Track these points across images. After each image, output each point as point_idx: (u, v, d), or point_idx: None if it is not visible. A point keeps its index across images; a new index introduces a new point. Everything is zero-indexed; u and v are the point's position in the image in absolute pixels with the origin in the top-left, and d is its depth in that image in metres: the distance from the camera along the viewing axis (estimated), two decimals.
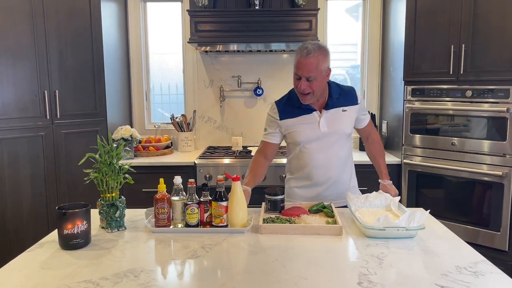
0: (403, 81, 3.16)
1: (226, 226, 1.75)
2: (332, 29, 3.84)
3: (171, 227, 1.77)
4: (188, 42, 3.38)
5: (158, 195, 1.74)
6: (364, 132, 2.31)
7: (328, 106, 2.10)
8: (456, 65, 2.89)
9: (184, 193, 1.79)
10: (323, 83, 2.04)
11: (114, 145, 1.80)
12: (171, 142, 3.78)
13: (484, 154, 2.84)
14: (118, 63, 3.60)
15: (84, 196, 2.99)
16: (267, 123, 2.23)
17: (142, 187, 3.23)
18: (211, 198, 1.75)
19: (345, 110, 2.14)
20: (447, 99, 2.97)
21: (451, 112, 2.98)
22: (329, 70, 2.04)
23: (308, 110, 2.09)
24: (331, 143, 2.12)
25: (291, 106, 2.12)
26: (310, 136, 2.10)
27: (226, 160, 3.27)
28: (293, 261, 1.46)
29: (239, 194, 1.74)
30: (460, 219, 2.96)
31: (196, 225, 1.75)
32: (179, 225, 1.76)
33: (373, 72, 3.82)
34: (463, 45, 2.85)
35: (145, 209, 1.93)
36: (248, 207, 1.81)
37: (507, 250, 2.78)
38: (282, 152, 3.45)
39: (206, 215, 1.75)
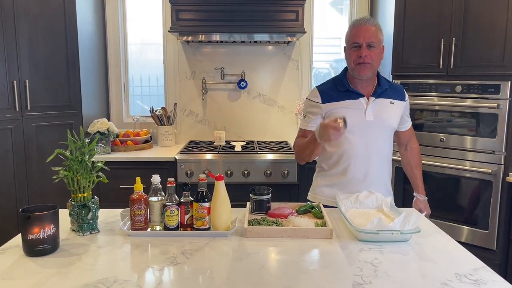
0: (391, 75, 3.08)
1: (209, 229, 1.63)
2: (317, 22, 3.73)
3: (149, 230, 1.63)
4: (168, 32, 3.22)
5: (134, 196, 1.60)
6: (404, 138, 2.16)
7: (376, 93, 1.95)
8: (446, 60, 2.82)
9: (163, 193, 1.65)
10: (381, 57, 1.95)
11: (87, 140, 1.65)
12: (151, 136, 3.62)
13: (473, 151, 2.78)
14: (95, 53, 3.41)
15: (58, 195, 2.81)
16: (305, 109, 2.05)
17: (120, 184, 3.08)
18: (192, 199, 1.62)
19: (393, 103, 2.00)
20: (436, 94, 2.89)
21: (440, 107, 2.91)
22: (383, 47, 1.96)
23: (355, 94, 1.94)
24: (374, 136, 1.97)
25: (335, 90, 1.97)
26: (356, 122, 1.91)
27: (209, 156, 3.13)
28: (281, 268, 1.34)
29: (223, 194, 1.62)
30: (448, 217, 2.90)
31: (176, 228, 1.62)
32: (157, 228, 1.63)
33: None
34: (454, 39, 2.77)
35: (121, 210, 1.78)
36: (232, 207, 1.69)
37: (495, 249, 2.73)
38: (266, 148, 3.34)
39: (186, 217, 1.62)
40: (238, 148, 3.29)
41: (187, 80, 3.68)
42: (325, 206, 1.96)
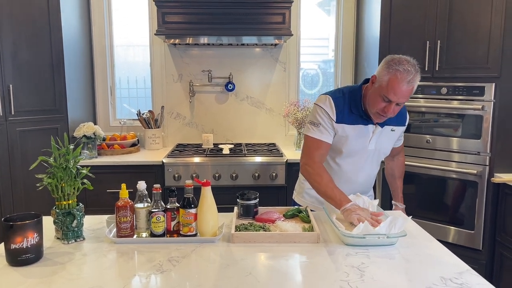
0: None
1: (196, 235, 1.62)
2: (304, 23, 3.74)
3: (135, 237, 1.62)
4: (155, 34, 3.20)
5: (120, 202, 1.59)
6: (394, 151, 2.14)
7: (383, 122, 1.89)
8: (431, 62, 2.84)
9: (149, 199, 1.64)
10: None
11: (71, 146, 1.63)
12: (138, 140, 3.59)
13: (458, 152, 2.81)
14: (80, 56, 3.37)
15: (44, 202, 2.77)
16: (319, 117, 1.88)
17: (107, 188, 3.05)
18: (178, 205, 1.61)
19: (393, 130, 1.97)
20: (422, 96, 2.92)
21: (425, 109, 2.93)
22: None
23: (365, 121, 1.88)
24: (368, 161, 1.97)
25: (349, 111, 1.87)
26: (357, 149, 1.91)
27: (196, 159, 3.12)
28: (268, 274, 1.34)
29: (210, 200, 1.61)
30: (434, 217, 2.92)
31: (163, 235, 1.61)
32: (144, 235, 1.62)
33: (346, 67, 3.74)
34: (439, 41, 2.80)
35: (107, 216, 1.77)
36: (220, 210, 1.68)
37: (481, 249, 2.76)
38: (254, 150, 3.34)
39: (173, 223, 1.61)
40: (226, 151, 3.28)
41: (174, 83, 3.66)
42: (312, 210, 1.96)
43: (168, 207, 1.61)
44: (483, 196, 2.73)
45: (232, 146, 3.49)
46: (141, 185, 1.62)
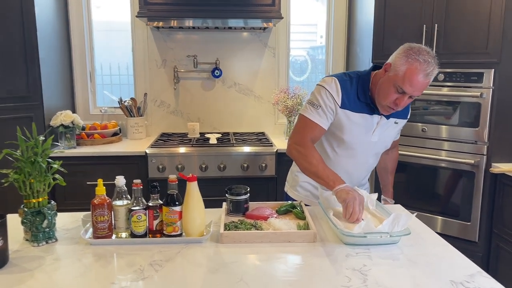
0: (372, 63, 2.95)
1: (181, 235, 1.47)
2: (294, 8, 3.57)
3: (114, 237, 1.47)
4: (136, 17, 3.00)
5: (96, 200, 1.43)
6: (390, 145, 2.00)
7: (389, 114, 1.76)
8: (428, 47, 2.70)
9: (128, 196, 1.48)
10: None
11: (41, 137, 1.46)
12: (120, 129, 3.41)
13: (455, 141, 2.70)
14: (56, 40, 3.16)
15: (16, 199, 2.59)
16: (320, 98, 1.72)
17: (86, 180, 2.88)
18: (161, 202, 1.46)
19: (396, 123, 1.84)
20: None
21: (421, 96, 2.80)
22: None
23: (371, 110, 1.74)
24: (369, 154, 1.84)
25: (356, 96, 1.73)
26: (359, 140, 1.78)
27: (182, 149, 2.96)
28: (262, 280, 1.20)
29: (196, 196, 1.46)
30: (430, 208, 2.83)
31: (144, 235, 1.46)
32: (123, 235, 1.47)
33: (338, 53, 3.60)
34: (436, 25, 2.66)
35: (82, 214, 1.61)
36: (207, 203, 1.53)
37: (477, 241, 2.68)
38: (243, 140, 3.19)
39: (155, 222, 1.46)
40: (213, 140, 3.12)
41: (157, 69, 3.47)
42: (306, 204, 1.84)
43: (150, 204, 1.46)
44: (480, 186, 2.63)
45: (220, 135, 3.34)
46: (120, 180, 1.47)
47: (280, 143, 3.13)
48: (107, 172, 2.99)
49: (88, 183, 2.88)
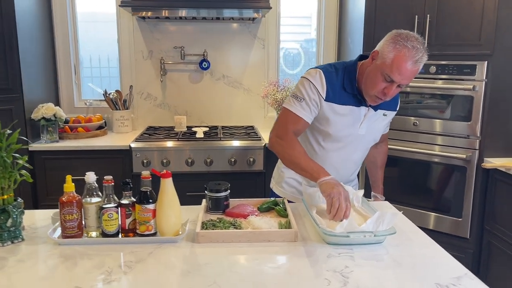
0: (362, 55, 2.88)
1: (155, 234, 1.40)
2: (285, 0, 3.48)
3: (84, 236, 1.39)
4: (120, 6, 2.90)
5: (65, 197, 1.35)
6: (379, 138, 1.91)
7: (377, 105, 1.69)
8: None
9: (100, 193, 1.41)
10: None
11: (7, 131, 1.38)
12: (105, 122, 3.32)
13: (447, 135, 2.64)
14: (38, 31, 3.05)
15: None
16: (305, 91, 1.65)
17: (69, 175, 2.78)
18: (134, 200, 1.39)
19: (385, 115, 1.77)
20: None
21: (412, 89, 2.74)
22: None
23: (358, 102, 1.67)
24: (357, 148, 1.76)
25: (342, 88, 1.66)
26: (346, 133, 1.70)
27: (168, 143, 2.88)
28: (235, 284, 1.13)
29: (171, 193, 1.39)
30: (420, 204, 2.77)
31: (116, 234, 1.39)
32: (93, 235, 1.39)
33: (329, 45, 3.52)
34: (428, 15, 2.59)
35: (52, 211, 1.53)
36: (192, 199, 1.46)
37: (468, 237, 2.62)
38: (230, 134, 3.11)
39: (128, 221, 1.39)
40: (200, 134, 3.04)
41: (144, 60, 3.38)
42: (291, 201, 1.77)
43: (122, 202, 1.38)
44: (471, 182, 2.57)
45: (207, 129, 3.26)
46: (90, 176, 1.39)
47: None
48: (90, 167, 2.91)
49: (73, 178, 2.79)
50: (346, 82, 1.66)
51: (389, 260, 1.28)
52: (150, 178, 1.39)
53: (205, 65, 3.35)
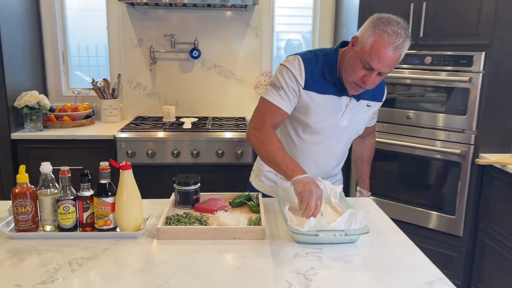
0: None
1: (114, 229, 1.32)
2: None
3: (40, 230, 1.32)
4: None
5: (17, 189, 1.28)
6: (365, 131, 1.82)
7: (359, 95, 1.59)
8: (415, 27, 2.52)
9: (56, 184, 1.33)
10: None
11: None
12: (93, 111, 3.25)
13: (441, 129, 2.53)
14: (24, 19, 2.97)
15: None
16: (282, 79, 1.56)
17: (53, 165, 2.71)
18: (92, 192, 1.31)
19: (369, 106, 1.67)
20: (404, 66, 2.61)
21: (407, 81, 2.63)
22: None
23: (339, 91, 1.57)
24: (339, 140, 1.67)
25: (321, 76, 1.56)
26: (326, 125, 1.61)
27: (154, 134, 2.80)
28: (188, 284, 1.05)
29: (131, 186, 1.30)
30: (412, 200, 2.66)
31: (73, 228, 1.31)
32: (48, 228, 1.32)
33: (325, 35, 3.40)
34: (424, 3, 2.46)
35: (9, 203, 1.45)
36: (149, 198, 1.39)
37: (461, 235, 2.51)
38: (220, 125, 3.02)
39: (86, 214, 1.31)
40: (187, 125, 2.96)
41: (133, 49, 3.29)
42: (270, 196, 1.69)
43: (80, 194, 1.31)
44: (466, 178, 2.46)
45: (196, 120, 3.17)
46: (45, 167, 1.31)
47: None
48: (74, 157, 2.86)
49: (54, 167, 2.72)
50: (326, 70, 1.57)
51: (359, 262, 1.19)
52: (109, 170, 1.31)
53: (195, 54, 3.25)
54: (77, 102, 3.34)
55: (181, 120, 3.13)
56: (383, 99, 1.75)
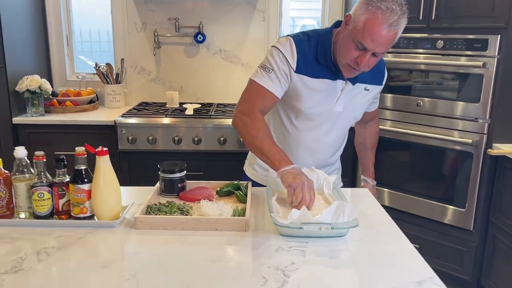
0: None
1: (91, 217, 1.27)
2: None
3: (15, 217, 1.27)
4: None
5: None
6: (367, 117, 1.75)
7: (355, 78, 1.50)
8: (427, 9, 2.38)
9: (32, 170, 1.28)
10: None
11: None
12: (97, 96, 3.21)
13: (453, 117, 2.40)
14: (26, 1, 2.93)
15: None
16: (273, 61, 1.47)
17: (54, 150, 2.66)
18: (68, 179, 1.25)
19: (367, 89, 1.57)
20: (415, 50, 2.47)
21: (418, 66, 2.50)
22: None
23: (334, 75, 1.48)
24: (335, 126, 1.58)
25: (314, 58, 1.47)
26: (321, 110, 1.52)
27: (155, 120, 2.74)
28: (157, 279, 0.99)
29: (108, 173, 1.24)
30: (421, 192, 2.55)
31: (49, 216, 1.26)
32: (22, 216, 1.27)
33: (334, 19, 3.27)
34: None
35: None
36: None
37: (471, 229, 2.39)
38: (223, 112, 2.95)
39: (61, 201, 1.26)
40: (190, 111, 2.89)
41: (137, 33, 3.22)
42: (263, 185, 1.61)
43: (55, 181, 1.25)
44: (478, 169, 2.33)
45: (199, 106, 3.10)
46: (20, 151, 1.26)
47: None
48: (75, 142, 2.81)
49: (56, 152, 2.69)
50: (319, 53, 1.47)
51: (345, 257, 1.11)
52: (85, 155, 1.25)
53: (200, 38, 3.17)
54: (81, 87, 3.31)
55: (184, 106, 3.06)
56: (383, 82, 1.64)
